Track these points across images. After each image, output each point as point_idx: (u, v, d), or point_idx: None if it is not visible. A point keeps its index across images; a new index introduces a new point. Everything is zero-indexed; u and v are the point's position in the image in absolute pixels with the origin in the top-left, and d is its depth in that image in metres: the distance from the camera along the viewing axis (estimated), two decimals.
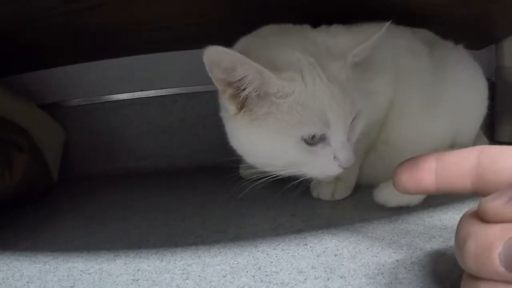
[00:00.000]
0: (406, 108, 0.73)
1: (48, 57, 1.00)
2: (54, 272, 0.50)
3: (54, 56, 1.00)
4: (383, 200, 0.63)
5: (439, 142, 0.75)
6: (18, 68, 1.06)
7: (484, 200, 0.27)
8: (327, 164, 0.59)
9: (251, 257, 0.49)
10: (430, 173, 0.36)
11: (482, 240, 0.26)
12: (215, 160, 0.80)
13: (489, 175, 0.32)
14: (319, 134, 0.57)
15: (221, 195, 0.75)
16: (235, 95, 0.58)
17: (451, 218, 0.55)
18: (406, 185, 0.37)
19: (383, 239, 0.51)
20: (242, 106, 0.59)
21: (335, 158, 0.58)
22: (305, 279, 0.43)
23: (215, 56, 0.53)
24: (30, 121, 0.89)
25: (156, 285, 0.45)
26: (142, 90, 1.06)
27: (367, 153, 0.75)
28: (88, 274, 0.48)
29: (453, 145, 0.78)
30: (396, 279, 0.41)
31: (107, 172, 1.10)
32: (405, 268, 0.43)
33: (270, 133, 0.58)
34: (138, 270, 0.48)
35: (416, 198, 0.62)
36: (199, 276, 0.46)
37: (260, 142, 0.60)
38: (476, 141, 0.83)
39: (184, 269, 0.48)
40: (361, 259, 0.46)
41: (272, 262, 0.48)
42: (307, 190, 0.72)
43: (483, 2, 0.79)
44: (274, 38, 0.63)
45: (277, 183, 0.65)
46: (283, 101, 0.57)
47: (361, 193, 0.70)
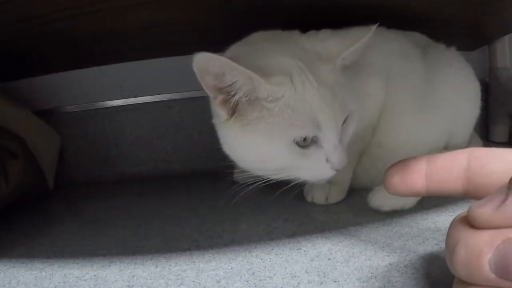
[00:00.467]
0: (398, 111, 0.73)
1: (43, 64, 1.00)
2: (50, 278, 0.50)
3: (48, 63, 1.00)
4: (377, 204, 0.63)
5: (432, 145, 0.75)
6: (13, 75, 1.06)
7: (473, 206, 0.27)
8: (319, 167, 0.59)
9: (245, 262, 0.50)
10: (421, 175, 0.36)
11: (472, 247, 0.26)
12: (210, 165, 0.81)
13: (479, 178, 0.33)
14: (311, 137, 0.57)
15: (216, 200, 0.75)
16: (225, 101, 0.58)
17: (444, 220, 0.55)
18: (397, 187, 0.37)
19: (376, 243, 0.51)
20: (233, 112, 0.59)
21: (327, 160, 0.58)
22: (298, 284, 0.43)
23: (204, 63, 0.53)
24: (25, 127, 0.89)
25: None
26: (136, 96, 1.06)
27: (361, 156, 0.75)
28: (84, 280, 0.49)
29: (447, 146, 0.79)
30: (389, 283, 0.41)
31: (102, 178, 1.09)
32: (398, 271, 0.43)
33: (262, 137, 0.58)
34: (133, 276, 0.49)
35: (410, 201, 0.63)
36: (193, 281, 0.46)
37: (252, 146, 0.60)
38: (470, 142, 0.84)
39: (178, 274, 0.48)
40: (354, 262, 0.46)
41: (266, 267, 0.48)
42: (301, 195, 0.72)
43: (473, 4, 0.79)
44: (263, 44, 0.64)
45: (270, 187, 0.65)
46: (274, 105, 0.57)
47: (354, 196, 0.70)
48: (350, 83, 0.63)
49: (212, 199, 0.77)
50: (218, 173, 0.78)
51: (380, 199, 0.63)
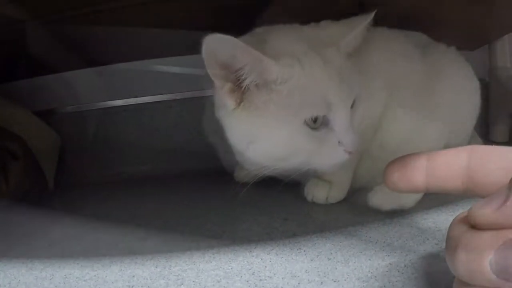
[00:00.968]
0: (399, 111, 0.73)
1: (42, 64, 0.99)
2: (51, 279, 0.50)
3: (48, 63, 0.99)
4: (377, 203, 0.63)
5: (433, 145, 0.75)
6: (13, 75, 1.06)
7: (474, 207, 0.28)
8: (332, 150, 0.59)
9: (245, 262, 0.49)
10: (421, 171, 0.36)
11: (473, 248, 0.26)
12: (210, 166, 0.81)
13: (479, 175, 0.33)
14: (321, 116, 0.57)
15: (216, 201, 0.75)
16: (233, 89, 0.57)
17: (445, 220, 0.55)
18: (397, 183, 0.37)
19: (376, 242, 0.51)
20: (241, 100, 0.58)
21: (339, 143, 0.58)
22: (298, 283, 0.43)
23: (215, 44, 0.53)
24: (25, 128, 0.89)
25: None
26: (136, 97, 1.06)
27: (362, 157, 0.74)
28: (84, 281, 0.48)
29: (447, 146, 0.78)
30: (389, 282, 0.41)
31: (103, 178, 1.08)
32: (398, 271, 0.43)
33: (272, 121, 0.58)
34: (133, 276, 0.48)
35: (409, 201, 0.63)
36: (193, 281, 0.46)
37: (263, 133, 0.59)
38: (470, 142, 0.83)
39: (178, 275, 0.48)
40: (354, 262, 0.46)
41: (266, 267, 0.48)
42: (300, 194, 0.73)
43: (472, 4, 0.79)
44: (267, 34, 0.63)
45: (270, 187, 0.65)
46: (283, 87, 0.56)
47: (354, 196, 0.70)
48: (353, 72, 0.62)
49: (213, 200, 0.77)
50: (219, 172, 0.78)
51: (380, 199, 0.63)
